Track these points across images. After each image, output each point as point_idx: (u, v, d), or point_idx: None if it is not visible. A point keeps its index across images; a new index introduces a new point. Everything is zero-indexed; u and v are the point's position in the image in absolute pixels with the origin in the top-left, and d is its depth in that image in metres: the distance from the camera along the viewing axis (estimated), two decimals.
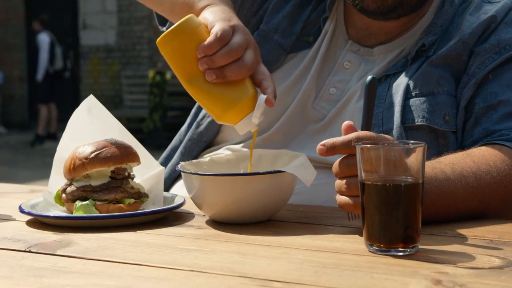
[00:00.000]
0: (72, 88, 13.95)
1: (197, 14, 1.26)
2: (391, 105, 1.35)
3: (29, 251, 1.01)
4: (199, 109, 1.59)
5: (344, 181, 1.07)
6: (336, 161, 1.09)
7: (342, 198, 1.09)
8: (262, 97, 1.19)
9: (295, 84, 1.46)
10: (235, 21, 1.23)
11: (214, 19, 1.20)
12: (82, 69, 14.06)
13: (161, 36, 1.18)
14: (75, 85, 14.06)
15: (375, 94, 1.13)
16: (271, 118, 1.46)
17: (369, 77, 1.10)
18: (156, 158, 1.35)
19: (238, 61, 1.17)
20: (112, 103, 13.01)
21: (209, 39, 1.16)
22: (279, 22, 1.50)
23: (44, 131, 11.98)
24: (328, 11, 1.49)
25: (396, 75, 1.39)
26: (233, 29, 1.19)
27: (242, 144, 1.47)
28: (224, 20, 1.20)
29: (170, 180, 1.55)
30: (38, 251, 1.01)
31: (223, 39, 1.16)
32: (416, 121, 1.33)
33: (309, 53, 1.48)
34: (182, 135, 1.60)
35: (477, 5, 1.41)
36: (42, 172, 7.90)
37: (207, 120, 1.53)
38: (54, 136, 11.86)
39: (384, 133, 1.33)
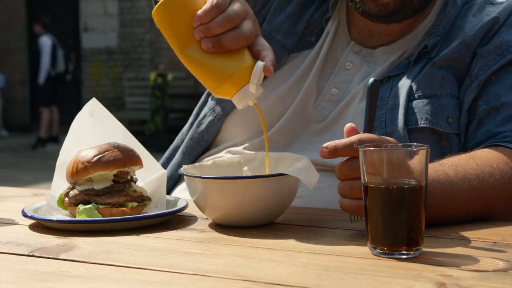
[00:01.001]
0: (73, 91, 13.96)
1: None
2: (394, 107, 1.35)
3: (33, 255, 1.01)
4: (201, 108, 1.59)
5: (347, 183, 1.07)
6: (339, 164, 1.09)
7: (345, 201, 1.09)
8: (259, 64, 1.14)
9: (297, 84, 1.46)
10: None
11: None
12: (83, 71, 14.07)
13: (156, 6, 1.16)
14: (77, 87, 14.07)
15: (377, 96, 1.13)
16: (272, 118, 1.46)
17: (371, 80, 1.10)
18: (158, 160, 1.35)
19: (235, 29, 1.14)
20: (114, 106, 13.02)
21: (205, 6, 1.13)
22: (281, 22, 1.50)
23: (46, 134, 12.00)
24: (331, 11, 1.49)
25: (398, 76, 1.39)
26: None
27: (243, 146, 1.47)
28: None
29: (172, 180, 1.55)
30: (42, 255, 1.01)
31: (220, 6, 1.13)
32: (419, 123, 1.33)
33: (311, 53, 1.48)
34: (184, 135, 1.60)
35: (480, 6, 1.41)
36: (44, 174, 7.91)
37: (208, 119, 1.53)
38: (56, 139, 11.88)
39: (387, 135, 1.33)
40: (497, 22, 1.37)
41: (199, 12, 1.13)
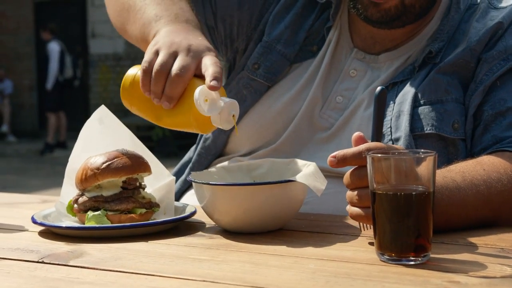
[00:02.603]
0: (81, 97, 14.01)
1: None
2: (400, 113, 1.35)
3: (42, 262, 1.02)
4: None
5: (356, 192, 1.08)
6: (347, 172, 1.09)
7: (354, 209, 1.09)
8: (196, 92, 1.17)
9: (301, 94, 1.46)
10: (161, 37, 1.26)
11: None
12: (91, 77, 14.12)
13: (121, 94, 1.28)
14: (85, 93, 14.12)
15: (385, 105, 1.13)
16: (278, 128, 1.46)
17: (379, 88, 1.10)
18: (166, 165, 1.35)
19: (168, 77, 1.20)
20: (122, 111, 12.92)
21: (140, 76, 1.24)
22: (281, 32, 1.49)
23: (53, 139, 12.02)
24: (332, 20, 1.49)
25: (403, 82, 1.39)
26: (157, 51, 1.23)
27: (249, 157, 1.47)
28: (149, 49, 1.25)
29: (180, 194, 1.56)
30: (51, 262, 1.01)
31: (148, 69, 1.23)
32: (425, 129, 1.34)
33: (314, 62, 1.48)
34: (192, 152, 1.61)
35: (483, 11, 1.41)
36: (52, 180, 7.93)
37: (214, 133, 1.53)
38: (64, 145, 11.90)
39: (393, 142, 1.34)
40: (501, 27, 1.38)
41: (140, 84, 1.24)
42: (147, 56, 1.24)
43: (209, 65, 1.19)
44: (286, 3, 1.51)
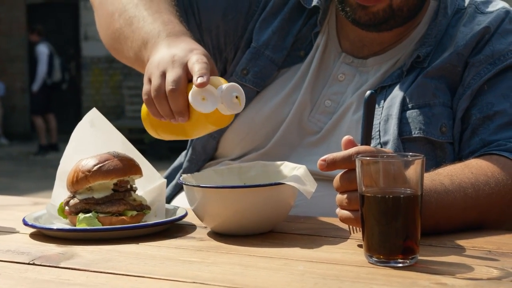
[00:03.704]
0: (74, 99, 13.98)
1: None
2: (388, 117, 1.37)
3: (33, 264, 1.02)
4: None
5: (345, 195, 1.09)
6: (337, 176, 1.10)
7: (343, 213, 1.10)
8: (190, 96, 1.18)
9: (289, 98, 1.47)
10: (149, 63, 1.28)
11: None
12: (83, 80, 14.10)
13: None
14: (77, 96, 14.09)
15: (374, 109, 1.14)
16: (267, 133, 1.47)
17: (368, 92, 1.12)
18: (157, 168, 1.36)
19: (168, 94, 1.20)
20: (114, 114, 13.03)
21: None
22: (269, 38, 1.50)
23: (45, 141, 11.98)
24: (319, 25, 1.50)
25: (391, 86, 1.41)
26: (149, 79, 1.25)
27: (239, 161, 1.48)
28: (144, 81, 1.27)
29: (170, 198, 1.57)
30: (42, 264, 1.02)
31: (149, 99, 1.23)
32: (413, 133, 1.35)
33: (302, 67, 1.49)
34: (183, 157, 1.62)
35: (470, 16, 1.43)
36: (44, 183, 7.91)
37: (203, 138, 1.53)
38: (56, 147, 11.87)
39: (381, 145, 1.35)
40: (488, 31, 1.39)
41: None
42: (144, 88, 1.25)
43: (193, 64, 1.19)
44: (273, 9, 1.51)
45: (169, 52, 1.24)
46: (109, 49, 1.52)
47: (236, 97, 1.19)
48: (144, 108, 1.30)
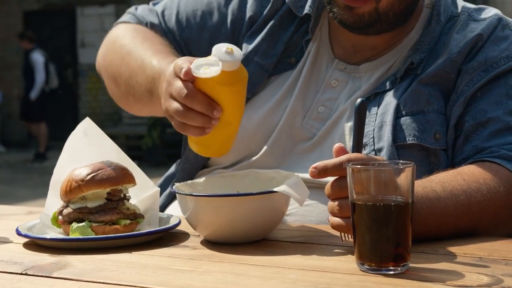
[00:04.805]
0: (71, 106, 13.98)
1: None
2: (382, 124, 1.37)
3: (25, 274, 1.02)
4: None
5: (337, 202, 1.09)
6: (328, 183, 1.11)
7: (335, 220, 1.11)
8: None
9: (280, 104, 1.48)
10: (160, 94, 1.32)
11: None
12: (80, 87, 14.10)
13: None
14: (74, 103, 14.09)
15: (365, 116, 1.15)
16: (259, 139, 1.47)
17: (359, 100, 1.12)
18: (155, 175, 1.37)
19: (187, 109, 1.22)
20: (111, 121, 13.03)
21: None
22: (258, 44, 1.51)
23: (44, 149, 11.94)
24: (311, 33, 1.51)
25: (385, 93, 1.41)
26: (167, 110, 1.27)
27: (232, 169, 1.48)
28: (167, 116, 1.29)
29: (164, 207, 1.57)
30: (34, 274, 1.02)
31: (180, 125, 1.25)
32: (407, 139, 1.35)
33: (292, 74, 1.49)
34: (176, 166, 1.62)
35: (463, 23, 1.44)
36: (41, 190, 7.89)
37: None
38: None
39: (376, 152, 1.35)
40: (481, 38, 1.40)
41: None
42: (171, 122, 1.28)
43: (176, 68, 1.23)
44: (265, 18, 1.53)
45: (163, 77, 1.30)
46: (123, 101, 1.62)
47: (228, 48, 1.20)
48: (190, 140, 1.32)
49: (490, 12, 1.46)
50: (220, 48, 1.19)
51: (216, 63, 1.18)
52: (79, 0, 13.98)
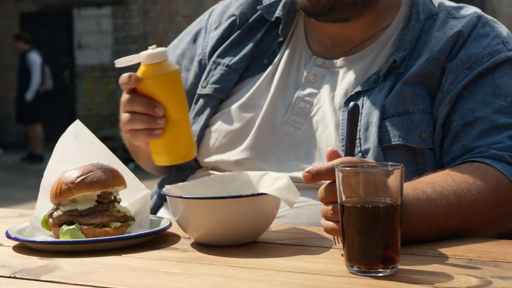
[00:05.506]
0: (68, 107, 13.97)
1: None
2: (368, 125, 1.37)
3: (14, 277, 1.02)
4: None
5: (330, 206, 1.09)
6: (321, 187, 1.11)
7: (328, 223, 1.10)
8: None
9: (254, 101, 1.48)
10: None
11: None
12: (77, 88, 14.09)
13: None
14: (71, 104, 14.08)
15: (358, 120, 1.15)
16: (240, 136, 1.47)
17: (351, 104, 1.12)
18: (151, 177, 1.37)
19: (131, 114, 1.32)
20: (108, 122, 13.02)
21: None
22: (224, 49, 1.55)
23: (40, 150, 11.91)
24: (282, 35, 1.52)
25: (368, 92, 1.41)
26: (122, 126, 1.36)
27: (219, 168, 1.48)
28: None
29: (154, 210, 1.57)
30: (23, 277, 1.02)
31: (132, 131, 1.34)
32: (392, 140, 1.35)
33: (265, 73, 1.51)
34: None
35: (443, 21, 1.44)
36: (38, 192, 7.88)
37: None
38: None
39: (362, 153, 1.35)
40: (462, 35, 1.40)
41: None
42: (130, 136, 1.35)
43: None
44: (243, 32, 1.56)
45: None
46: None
47: (153, 46, 1.29)
48: (154, 154, 1.34)
49: (470, 10, 1.46)
50: (146, 51, 1.29)
51: (138, 56, 1.29)
52: (75, 1, 13.97)
